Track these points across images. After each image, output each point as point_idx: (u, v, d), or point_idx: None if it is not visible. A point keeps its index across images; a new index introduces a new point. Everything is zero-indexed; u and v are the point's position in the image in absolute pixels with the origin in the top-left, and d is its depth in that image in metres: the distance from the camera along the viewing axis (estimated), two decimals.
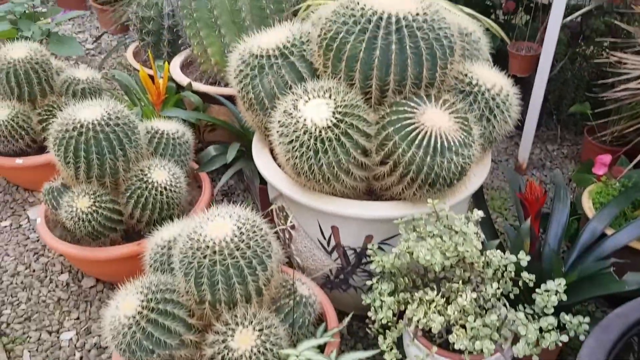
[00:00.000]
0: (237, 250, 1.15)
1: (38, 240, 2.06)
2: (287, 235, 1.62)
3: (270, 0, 2.09)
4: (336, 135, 1.30)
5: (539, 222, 1.52)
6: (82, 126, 1.59)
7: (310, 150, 1.31)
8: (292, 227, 1.57)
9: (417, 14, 1.32)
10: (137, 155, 1.70)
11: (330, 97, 1.34)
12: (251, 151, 1.64)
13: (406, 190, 1.37)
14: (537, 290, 1.27)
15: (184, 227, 1.23)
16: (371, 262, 1.39)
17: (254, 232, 1.19)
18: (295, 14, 2.24)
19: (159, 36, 2.56)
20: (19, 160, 2.10)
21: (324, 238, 1.50)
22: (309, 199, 1.42)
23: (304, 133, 1.31)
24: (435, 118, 1.30)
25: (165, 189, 1.69)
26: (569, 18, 2.08)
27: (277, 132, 1.38)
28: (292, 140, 1.33)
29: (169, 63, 2.28)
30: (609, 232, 1.58)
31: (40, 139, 2.14)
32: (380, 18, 1.31)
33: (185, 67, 2.39)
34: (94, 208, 1.63)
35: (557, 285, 1.25)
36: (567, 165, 2.45)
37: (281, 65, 1.46)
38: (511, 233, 1.57)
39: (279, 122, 1.36)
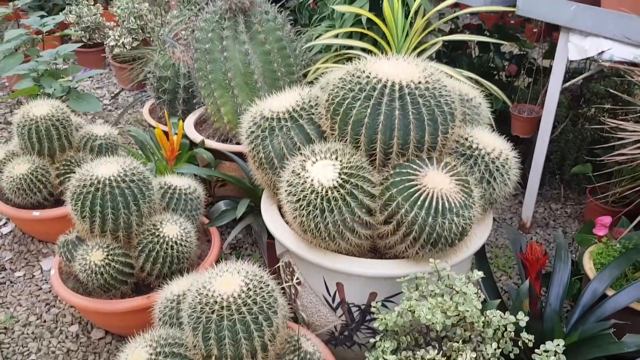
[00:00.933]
0: (245, 306, 1.19)
1: (50, 291, 2.11)
2: (293, 291, 1.66)
3: (282, 63, 2.19)
4: (342, 195, 1.36)
5: (541, 281, 1.55)
6: (99, 182, 1.67)
7: (316, 209, 1.37)
8: (299, 282, 1.61)
9: (420, 82, 1.40)
10: (150, 210, 1.77)
11: (336, 158, 1.41)
12: (260, 207, 1.70)
13: (409, 249, 1.42)
14: (536, 350, 1.30)
15: (194, 282, 1.28)
16: (375, 319, 1.42)
17: (261, 288, 1.24)
18: (305, 75, 2.35)
19: (174, 95, 2.67)
20: (35, 213, 2.17)
21: (329, 294, 1.54)
22: (315, 255, 1.47)
23: (311, 192, 1.37)
24: (437, 180, 1.36)
25: (176, 243, 1.75)
26: (569, 83, 2.16)
27: (286, 191, 1.44)
28: (300, 199, 1.39)
29: (183, 120, 2.38)
30: (610, 292, 1.61)
31: (57, 192, 2.22)
32: (385, 86, 1.39)
33: (198, 124, 2.49)
34: (107, 261, 1.69)
35: (556, 346, 1.27)
36: (570, 224, 2.48)
37: (290, 128, 1.53)
38: (513, 292, 1.60)
39: (287, 181, 1.43)
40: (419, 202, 1.34)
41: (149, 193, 1.75)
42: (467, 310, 1.25)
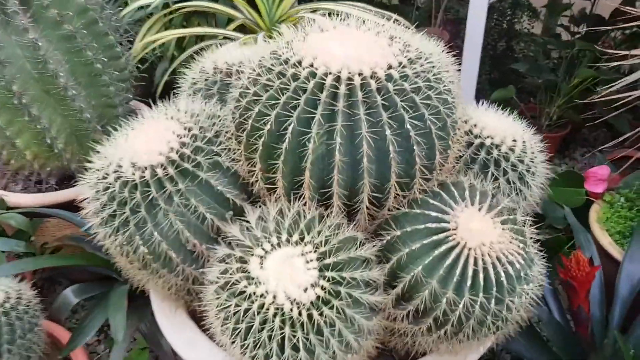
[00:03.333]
0: None
1: None
2: None
3: (100, 48, 1.39)
4: (337, 309, 0.73)
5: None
6: None
7: (289, 341, 0.73)
8: None
9: (396, 68, 0.78)
10: None
11: (302, 239, 0.77)
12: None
13: (429, 341, 0.86)
14: None
15: None
16: None
17: None
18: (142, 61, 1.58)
19: None
20: None
21: None
22: None
23: (273, 317, 0.73)
24: (478, 228, 0.79)
25: None
26: None
27: (218, 316, 0.78)
28: (251, 331, 0.74)
29: None
30: None
31: None
32: (337, 82, 0.75)
33: None
34: None
35: None
36: None
37: (185, 192, 0.84)
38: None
39: (222, 305, 0.76)
40: (452, 279, 0.77)
41: None
42: None
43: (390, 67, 0.78)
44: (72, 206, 1.37)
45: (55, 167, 1.49)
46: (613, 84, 1.41)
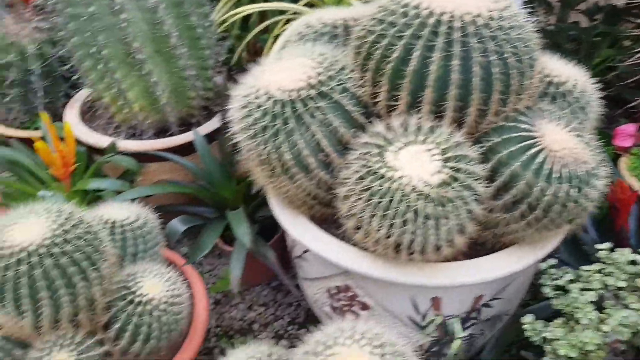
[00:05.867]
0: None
1: None
2: (351, 318, 1.25)
3: (199, 14, 1.61)
4: (456, 191, 0.96)
5: None
6: (29, 255, 1.05)
7: (419, 217, 0.95)
8: (364, 307, 1.20)
9: (490, 16, 1.01)
10: (110, 271, 1.19)
11: (424, 140, 0.99)
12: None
13: (523, 229, 1.08)
14: None
15: None
16: (475, 324, 1.10)
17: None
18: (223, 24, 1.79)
19: (26, 86, 1.92)
20: None
21: (418, 313, 1.16)
22: (403, 274, 1.07)
23: (406, 197, 0.95)
24: (559, 139, 1.01)
25: (168, 303, 1.21)
26: None
27: (360, 197, 0.99)
28: (387, 207, 0.96)
29: (54, 119, 1.70)
30: None
31: None
32: (439, 21, 0.98)
33: (85, 120, 1.82)
34: None
35: None
36: None
37: (324, 109, 1.06)
38: None
39: (362, 186, 0.98)
40: (543, 172, 0.99)
41: (102, 247, 1.16)
42: None
43: (490, 11, 1.00)
44: (177, 152, 1.60)
45: (155, 120, 1.70)
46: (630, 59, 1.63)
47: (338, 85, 1.08)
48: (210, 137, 1.66)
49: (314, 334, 0.94)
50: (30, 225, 1.09)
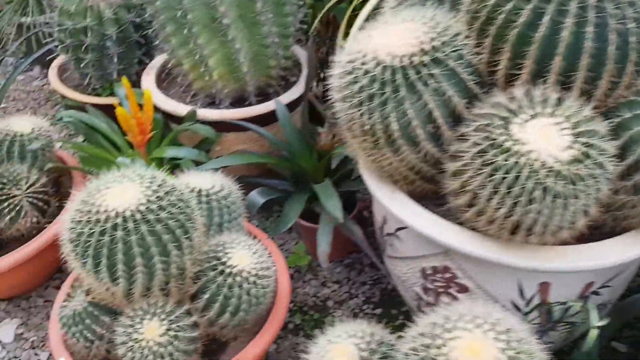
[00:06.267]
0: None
1: None
2: (446, 300, 1.19)
3: None
4: (589, 169, 0.88)
5: None
6: (125, 220, 1.02)
7: (549, 195, 0.88)
8: (462, 290, 1.14)
9: None
10: (200, 240, 1.16)
11: (552, 113, 0.91)
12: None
13: None
14: None
15: None
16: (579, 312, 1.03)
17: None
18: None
19: (102, 51, 1.90)
20: None
21: (523, 298, 1.10)
22: (515, 256, 1.00)
23: (533, 171, 0.87)
24: None
25: (257, 276, 1.17)
26: None
27: (480, 173, 0.92)
28: (513, 185, 0.89)
29: (133, 85, 1.67)
30: None
31: None
32: None
33: (161, 87, 1.79)
34: (170, 335, 1.08)
35: None
36: None
37: (439, 77, 0.99)
38: None
39: (487, 162, 0.91)
40: None
41: (194, 216, 1.13)
42: None
43: None
44: (255, 121, 1.55)
45: (234, 88, 1.66)
46: None
47: (453, 51, 1.01)
48: (290, 107, 1.61)
49: (427, 315, 0.89)
50: (124, 190, 1.06)
